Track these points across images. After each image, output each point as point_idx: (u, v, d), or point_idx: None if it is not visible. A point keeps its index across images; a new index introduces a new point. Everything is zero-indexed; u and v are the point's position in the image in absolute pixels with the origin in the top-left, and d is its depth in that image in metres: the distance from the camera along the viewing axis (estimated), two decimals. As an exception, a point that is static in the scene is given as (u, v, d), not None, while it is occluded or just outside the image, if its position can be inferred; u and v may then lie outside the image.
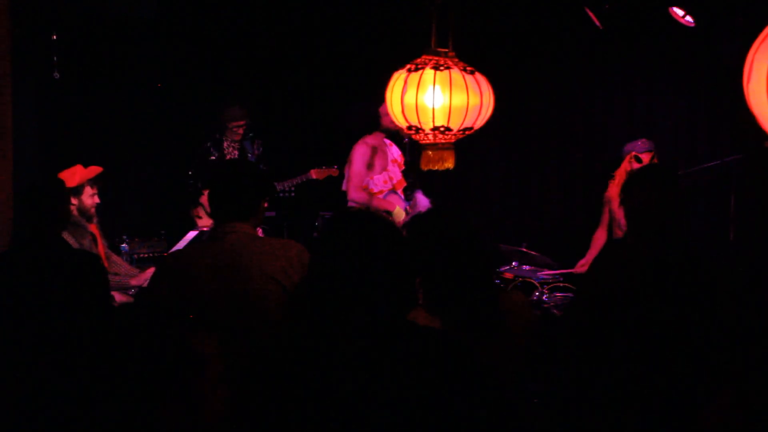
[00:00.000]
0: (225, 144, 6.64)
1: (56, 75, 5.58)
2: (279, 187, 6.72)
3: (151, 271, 4.77)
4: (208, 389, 2.28)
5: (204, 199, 6.47)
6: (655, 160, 5.40)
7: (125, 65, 6.73)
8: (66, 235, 4.39)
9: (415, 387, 1.72)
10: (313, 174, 6.80)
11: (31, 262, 3.14)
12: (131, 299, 4.60)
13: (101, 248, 4.86)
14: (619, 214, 5.56)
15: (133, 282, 4.76)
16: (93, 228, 4.82)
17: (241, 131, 6.65)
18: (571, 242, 5.99)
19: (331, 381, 1.72)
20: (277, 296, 2.82)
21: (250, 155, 6.66)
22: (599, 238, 5.62)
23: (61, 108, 6.39)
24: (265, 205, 3.04)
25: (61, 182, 4.29)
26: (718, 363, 2.45)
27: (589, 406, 2.55)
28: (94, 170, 4.82)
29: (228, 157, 6.63)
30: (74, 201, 4.69)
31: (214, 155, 6.59)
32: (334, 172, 6.83)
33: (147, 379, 2.04)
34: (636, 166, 5.46)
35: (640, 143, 5.47)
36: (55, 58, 5.55)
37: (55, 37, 5.57)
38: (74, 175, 4.72)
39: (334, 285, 1.77)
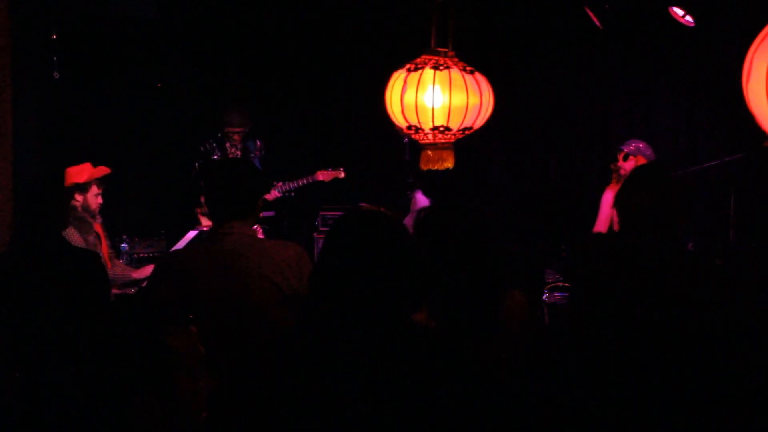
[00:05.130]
0: (227, 144, 6.63)
1: (56, 75, 5.58)
2: (284, 187, 6.70)
3: (151, 267, 4.80)
4: (185, 385, 2.28)
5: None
6: (639, 162, 5.39)
7: (125, 65, 6.73)
8: (72, 230, 4.40)
9: (415, 387, 1.72)
10: (320, 176, 6.75)
11: (31, 261, 3.14)
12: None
13: (104, 248, 4.88)
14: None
15: (135, 275, 4.77)
16: (97, 227, 4.84)
17: (237, 137, 6.57)
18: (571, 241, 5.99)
19: (331, 379, 1.72)
20: (275, 297, 2.82)
21: (252, 155, 6.64)
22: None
23: (62, 108, 6.39)
24: (261, 203, 3.04)
25: (61, 181, 4.29)
26: (717, 364, 2.45)
27: (588, 407, 2.55)
28: (103, 170, 4.83)
29: (230, 156, 6.60)
30: (79, 198, 4.70)
31: (216, 154, 6.56)
32: (340, 174, 6.79)
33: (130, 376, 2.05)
34: (621, 165, 5.49)
35: (630, 145, 5.48)
36: (55, 58, 5.55)
37: (55, 37, 5.57)
38: (83, 171, 4.73)
39: (338, 283, 1.77)
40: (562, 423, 2.55)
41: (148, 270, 4.72)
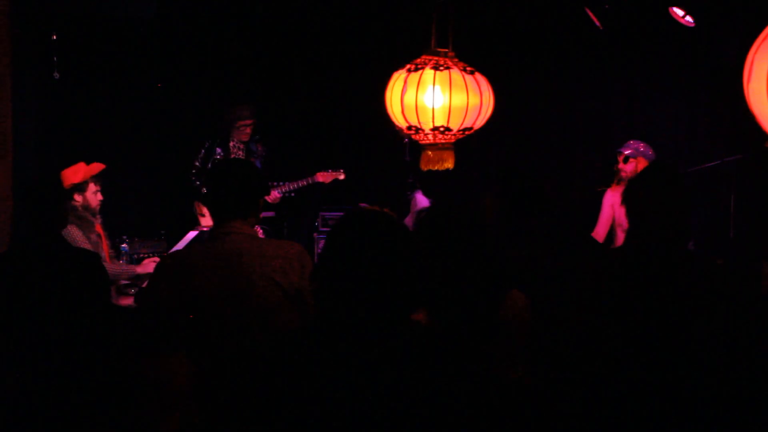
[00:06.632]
0: (231, 144, 6.62)
1: (56, 75, 5.59)
2: (284, 188, 6.69)
3: (154, 260, 4.81)
4: (174, 404, 2.30)
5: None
6: (640, 164, 5.39)
7: (125, 65, 6.73)
8: (74, 229, 4.41)
9: (414, 386, 1.72)
10: (320, 177, 6.75)
11: (31, 261, 3.14)
12: (131, 299, 4.60)
13: (105, 248, 4.88)
14: (619, 213, 5.59)
15: (139, 270, 4.78)
16: (98, 228, 4.85)
17: (248, 131, 6.59)
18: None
19: (332, 379, 1.72)
20: (277, 296, 2.82)
21: (254, 157, 6.63)
22: (596, 236, 5.65)
23: (61, 108, 6.39)
24: (262, 203, 3.05)
25: (60, 182, 4.30)
26: (717, 364, 2.45)
27: (587, 407, 2.55)
28: (97, 167, 4.85)
29: (233, 157, 6.58)
30: (78, 198, 4.72)
31: (219, 156, 6.56)
32: (340, 175, 6.79)
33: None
34: (622, 167, 5.50)
35: (630, 147, 5.50)
36: (55, 58, 5.55)
37: (55, 37, 5.57)
38: (78, 171, 4.75)
39: (338, 283, 1.77)
40: (562, 422, 2.55)
41: (150, 265, 4.72)
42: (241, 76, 7.22)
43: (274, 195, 6.64)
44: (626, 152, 5.47)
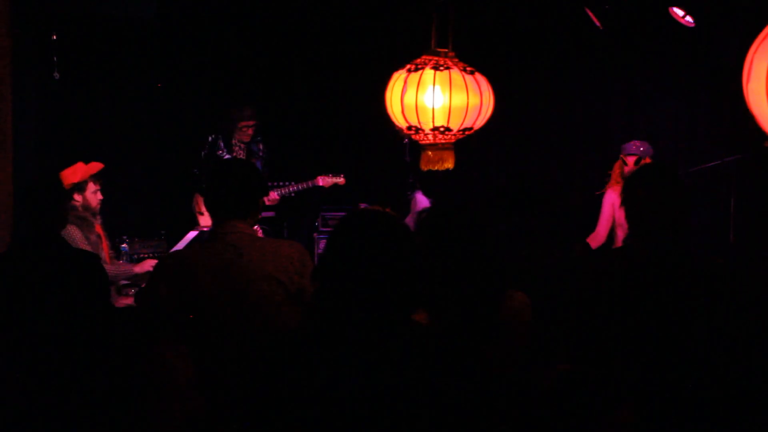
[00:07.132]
0: (233, 142, 6.63)
1: (56, 75, 5.59)
2: (284, 191, 6.70)
3: (152, 261, 4.81)
4: (178, 396, 2.30)
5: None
6: (646, 161, 5.40)
7: (125, 65, 6.73)
8: (74, 229, 4.41)
9: (414, 386, 1.72)
10: (320, 181, 6.75)
11: (31, 262, 3.14)
12: (131, 299, 4.60)
13: (105, 249, 4.88)
14: (619, 213, 5.58)
15: (137, 269, 4.78)
16: (98, 228, 4.85)
17: (250, 131, 6.59)
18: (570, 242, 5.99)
19: (332, 379, 1.73)
20: (278, 296, 2.82)
21: (255, 158, 6.63)
22: (597, 236, 5.66)
23: (61, 108, 6.39)
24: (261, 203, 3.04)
25: (60, 182, 4.30)
26: (717, 364, 2.45)
27: (587, 407, 2.55)
28: (96, 166, 4.85)
29: (234, 156, 6.59)
30: (78, 198, 4.72)
31: (222, 150, 6.56)
32: (340, 180, 6.78)
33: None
34: (625, 168, 5.50)
35: (633, 146, 5.51)
36: (55, 58, 5.55)
37: (55, 37, 5.58)
38: (76, 171, 4.75)
39: (339, 283, 1.78)
40: (562, 422, 2.55)
41: (148, 264, 4.73)
42: (242, 76, 7.22)
43: (273, 196, 6.63)
44: (637, 154, 5.45)
